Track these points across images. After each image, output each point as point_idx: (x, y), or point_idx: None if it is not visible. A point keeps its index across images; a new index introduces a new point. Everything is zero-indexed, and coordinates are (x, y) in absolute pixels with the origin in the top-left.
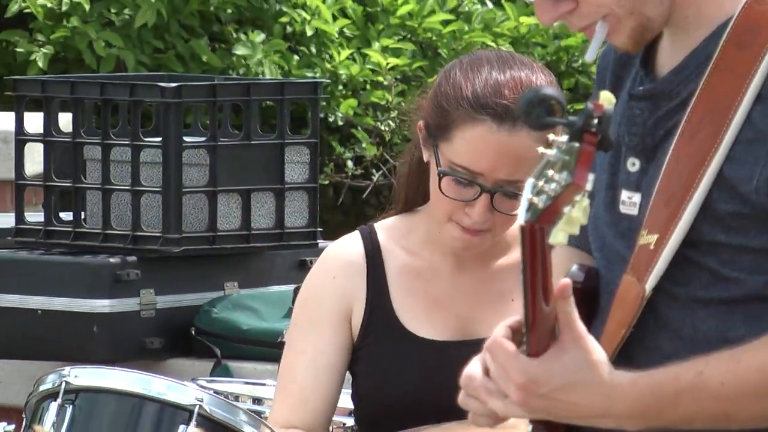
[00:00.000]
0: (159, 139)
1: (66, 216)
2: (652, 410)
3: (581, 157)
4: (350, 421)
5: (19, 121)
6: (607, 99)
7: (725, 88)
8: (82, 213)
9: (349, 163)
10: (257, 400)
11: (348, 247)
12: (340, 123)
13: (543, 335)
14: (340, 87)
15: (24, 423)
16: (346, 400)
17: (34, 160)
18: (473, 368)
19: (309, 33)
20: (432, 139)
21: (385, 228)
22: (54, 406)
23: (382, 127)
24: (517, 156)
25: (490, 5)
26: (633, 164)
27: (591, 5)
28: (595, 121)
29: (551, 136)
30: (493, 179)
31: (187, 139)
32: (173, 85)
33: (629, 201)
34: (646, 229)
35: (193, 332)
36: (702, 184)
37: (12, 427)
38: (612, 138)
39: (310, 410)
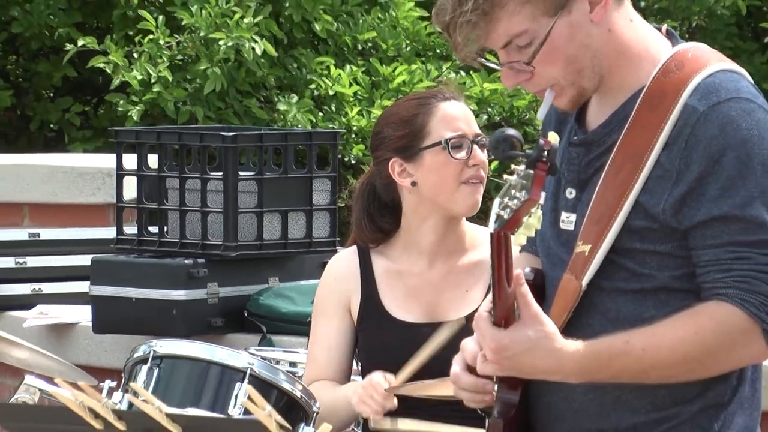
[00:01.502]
0: (221, 173)
1: (153, 229)
2: (591, 369)
3: (536, 179)
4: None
5: (119, 161)
6: (553, 137)
7: (640, 139)
8: (165, 227)
9: None
10: (293, 364)
11: (346, 257)
12: (353, 162)
13: (504, 308)
14: (353, 135)
15: (123, 381)
16: None
17: (130, 189)
18: (456, 367)
19: (331, 93)
20: (412, 150)
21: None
22: (144, 369)
23: None
24: (469, 113)
25: (463, 73)
26: (570, 193)
27: (542, 78)
28: (545, 153)
29: (512, 167)
30: (470, 135)
31: (241, 173)
32: (231, 133)
33: (567, 220)
34: (581, 241)
35: (245, 314)
36: (624, 208)
37: (114, 383)
38: (557, 165)
39: (325, 371)
